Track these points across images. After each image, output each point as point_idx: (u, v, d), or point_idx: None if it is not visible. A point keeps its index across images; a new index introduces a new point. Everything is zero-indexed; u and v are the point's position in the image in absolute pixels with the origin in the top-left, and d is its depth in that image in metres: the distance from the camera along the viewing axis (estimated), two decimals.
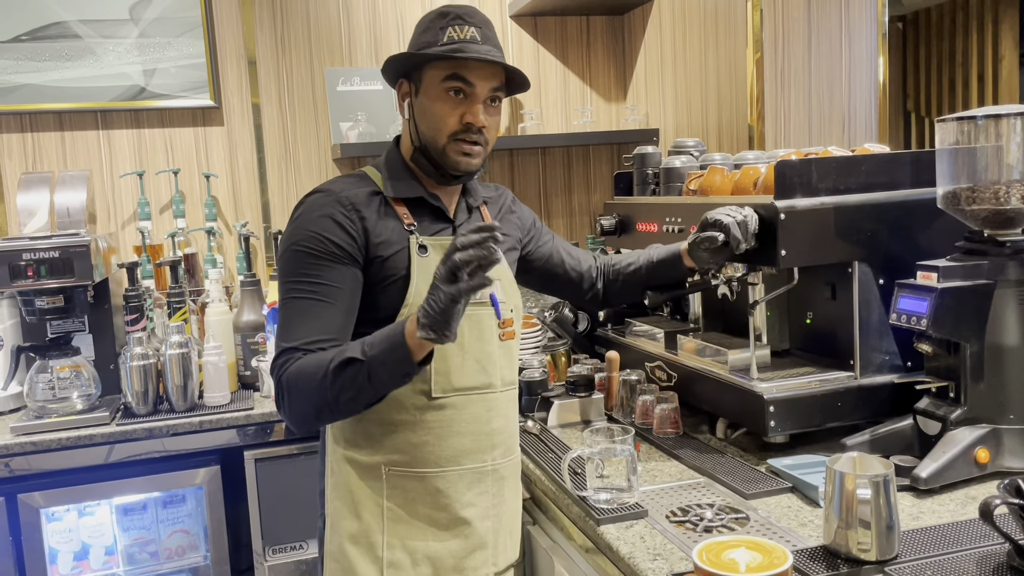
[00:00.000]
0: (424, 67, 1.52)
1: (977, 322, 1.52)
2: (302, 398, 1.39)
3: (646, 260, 1.88)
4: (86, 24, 2.81)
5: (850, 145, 2.53)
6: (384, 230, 1.50)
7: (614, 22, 3.39)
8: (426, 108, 1.52)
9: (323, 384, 1.36)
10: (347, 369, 1.35)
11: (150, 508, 2.44)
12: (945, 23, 5.40)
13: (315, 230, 1.45)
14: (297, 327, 1.43)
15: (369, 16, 3.11)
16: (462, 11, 1.52)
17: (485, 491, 1.58)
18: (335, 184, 1.54)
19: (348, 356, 1.35)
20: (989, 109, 1.55)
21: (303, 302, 1.44)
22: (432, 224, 1.57)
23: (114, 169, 2.91)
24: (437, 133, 1.51)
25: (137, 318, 2.51)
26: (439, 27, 1.50)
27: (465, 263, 1.26)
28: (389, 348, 1.34)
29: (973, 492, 1.48)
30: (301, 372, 1.38)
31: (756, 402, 1.70)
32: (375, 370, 1.35)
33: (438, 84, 1.50)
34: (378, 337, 1.37)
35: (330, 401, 1.37)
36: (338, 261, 1.45)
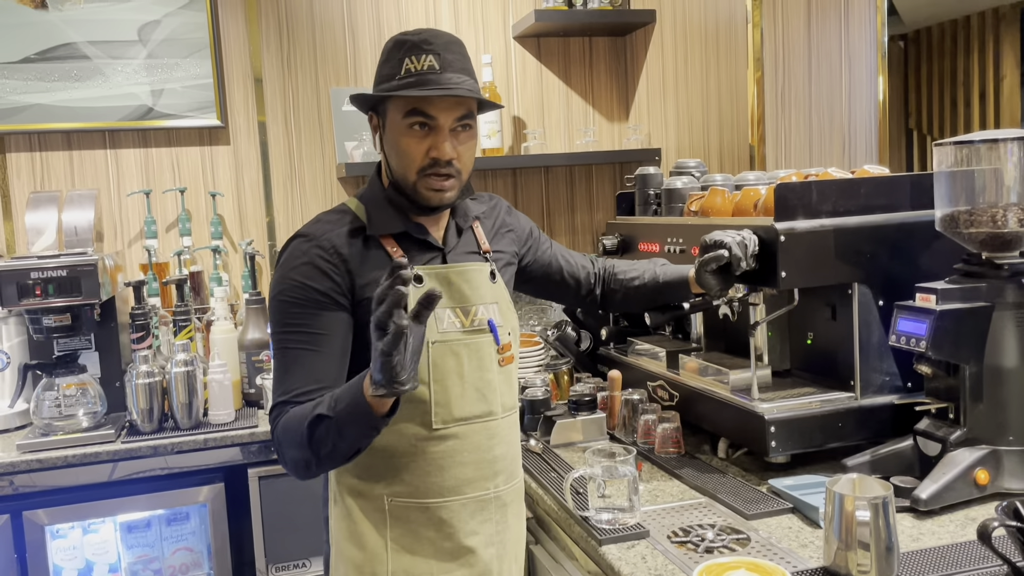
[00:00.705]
0: (386, 101, 1.48)
1: (976, 344, 1.54)
2: (292, 451, 1.38)
3: (652, 279, 1.86)
4: (95, 45, 2.85)
5: (851, 165, 2.55)
6: (371, 269, 1.46)
7: (616, 43, 3.43)
8: (393, 144, 1.48)
9: (302, 441, 1.34)
10: (319, 427, 1.31)
11: (154, 526, 2.45)
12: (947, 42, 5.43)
13: (297, 278, 1.44)
14: (287, 378, 1.43)
15: (374, 36, 3.15)
16: (419, 39, 1.45)
17: (489, 518, 1.55)
18: (316, 227, 1.50)
19: (317, 413, 1.31)
20: (986, 133, 1.57)
21: (292, 352, 1.43)
22: (422, 254, 1.54)
23: (121, 188, 2.94)
24: (406, 170, 1.48)
25: (143, 336, 2.53)
26: (397, 59, 1.45)
27: (386, 315, 1.16)
28: (352, 404, 1.29)
29: (973, 513, 1.49)
30: (287, 428, 1.38)
31: (757, 422, 1.71)
32: (344, 426, 1.30)
33: (400, 120, 1.46)
34: (344, 391, 1.32)
35: (313, 456, 1.35)
36: (324, 308, 1.43)
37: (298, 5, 3.06)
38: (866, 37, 2.55)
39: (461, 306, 1.53)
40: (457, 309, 1.52)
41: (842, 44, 2.47)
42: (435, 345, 1.48)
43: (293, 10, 3.05)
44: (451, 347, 1.49)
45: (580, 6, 3.16)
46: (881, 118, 2.59)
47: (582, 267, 1.91)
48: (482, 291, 1.56)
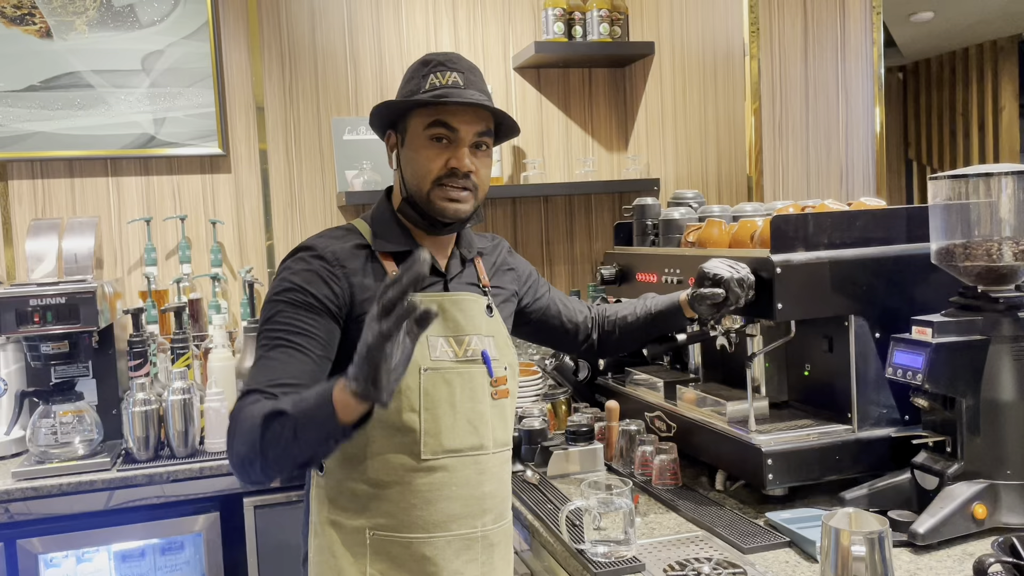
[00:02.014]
0: (408, 116, 1.49)
1: (973, 377, 1.54)
2: (240, 445, 1.27)
3: (644, 312, 1.86)
4: (99, 74, 2.88)
5: (848, 197, 2.56)
6: (370, 286, 1.45)
7: (615, 74, 3.46)
8: (411, 156, 1.49)
9: (254, 436, 1.24)
10: (274, 422, 1.22)
11: (148, 555, 2.43)
12: (945, 73, 5.48)
13: (296, 282, 1.41)
14: (262, 370, 1.35)
15: (376, 66, 3.18)
16: (444, 58, 1.50)
17: (474, 559, 1.50)
18: (320, 240, 1.49)
19: (278, 408, 1.23)
20: (981, 168, 1.58)
21: (274, 349, 1.37)
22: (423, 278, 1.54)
23: (122, 215, 2.95)
24: (421, 180, 1.48)
25: (140, 363, 2.53)
26: (421, 75, 1.48)
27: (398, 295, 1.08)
28: (316, 406, 1.19)
29: (971, 548, 1.48)
30: (243, 418, 1.27)
31: (754, 454, 1.70)
32: (301, 427, 1.20)
33: (422, 132, 1.47)
34: (311, 392, 1.23)
35: (259, 455, 1.24)
36: (317, 313, 1.40)
37: (300, 35, 3.09)
38: (863, 69, 2.57)
39: (454, 335, 1.51)
40: (450, 338, 1.51)
41: (839, 76, 2.49)
42: (426, 373, 1.45)
43: (295, 40, 3.09)
44: (443, 375, 1.47)
45: (580, 38, 3.19)
46: (878, 149, 2.61)
47: (579, 311, 1.89)
48: (477, 322, 1.55)
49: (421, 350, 1.45)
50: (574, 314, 1.87)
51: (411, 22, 3.20)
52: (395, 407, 1.43)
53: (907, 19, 5.07)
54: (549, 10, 3.15)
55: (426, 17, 3.22)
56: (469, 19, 3.27)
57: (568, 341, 1.89)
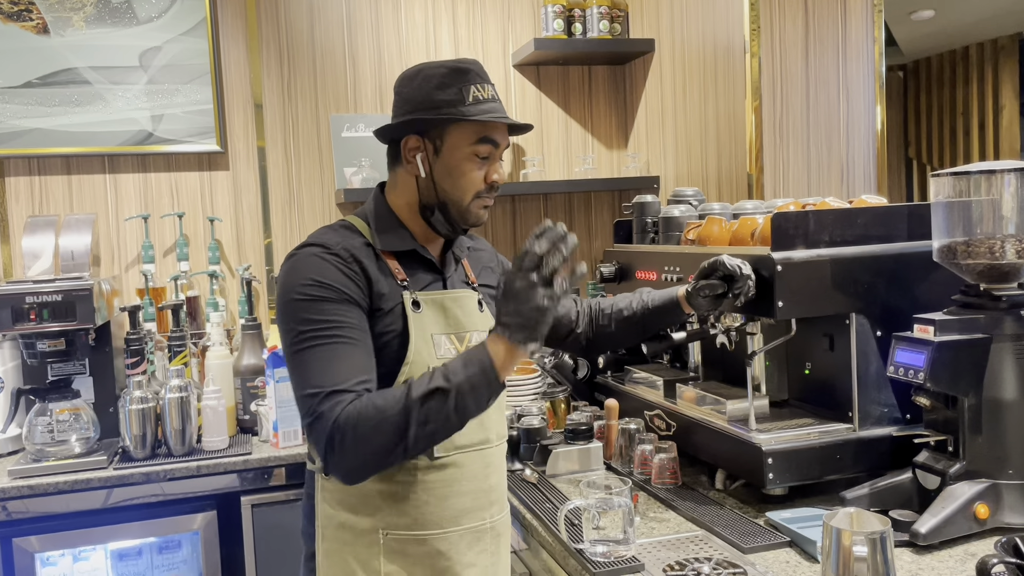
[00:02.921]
0: (447, 127, 1.47)
1: (975, 376, 1.52)
2: (366, 440, 1.29)
3: (640, 306, 1.83)
4: (96, 71, 2.86)
5: (849, 195, 2.55)
6: (381, 283, 1.46)
7: (615, 71, 3.44)
8: (452, 168, 1.48)
9: (400, 420, 1.28)
10: (431, 400, 1.28)
11: (145, 554, 2.42)
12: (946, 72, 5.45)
13: (318, 277, 1.39)
14: (331, 369, 1.33)
15: (375, 64, 3.16)
16: (477, 69, 1.49)
17: (484, 549, 1.53)
18: (322, 237, 1.47)
19: (433, 386, 1.28)
20: (983, 165, 1.57)
21: (328, 346, 1.35)
22: (423, 276, 1.54)
23: (119, 212, 2.94)
24: (464, 193, 1.49)
25: (138, 361, 2.52)
26: (459, 86, 1.46)
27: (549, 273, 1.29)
28: (479, 372, 1.30)
29: (973, 548, 1.46)
30: (364, 414, 1.29)
31: (754, 454, 1.69)
32: (462, 397, 1.29)
33: (467, 146, 1.47)
34: (457, 365, 1.31)
35: (408, 439, 1.29)
36: (350, 302, 1.39)
37: (299, 32, 3.08)
38: (864, 68, 2.56)
39: (456, 332, 1.52)
40: (452, 336, 1.52)
41: (840, 74, 2.48)
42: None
43: (294, 37, 3.07)
44: None
45: (579, 35, 3.18)
46: (879, 148, 2.59)
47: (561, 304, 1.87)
48: (474, 319, 1.57)
49: (428, 348, 1.47)
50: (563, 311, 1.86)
51: (410, 19, 3.19)
52: None
53: (908, 17, 5.06)
54: (549, 7, 3.14)
55: (425, 14, 3.20)
56: (469, 16, 3.25)
57: (557, 337, 1.88)
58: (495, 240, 3.32)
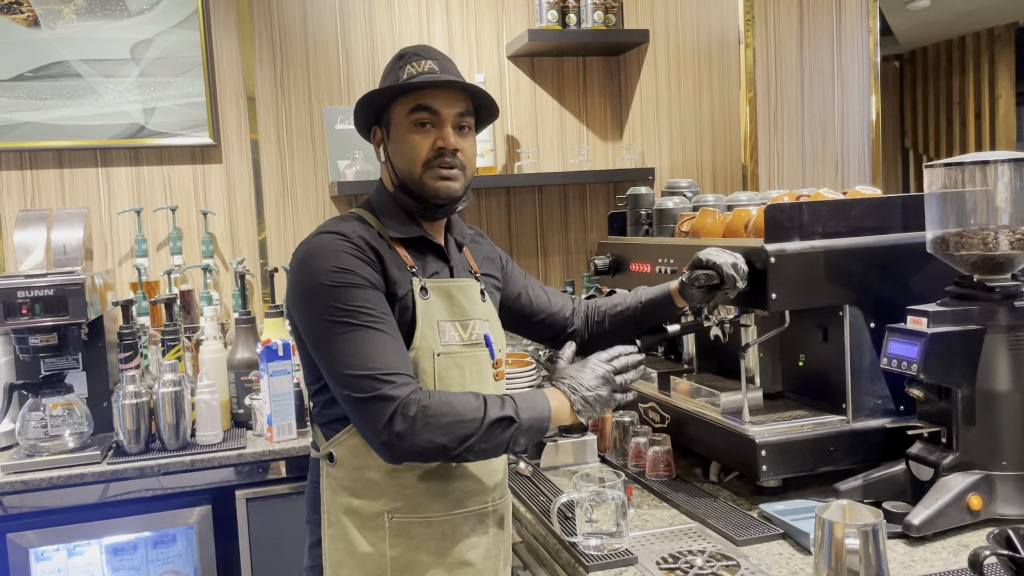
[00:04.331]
0: (391, 108, 1.54)
1: (968, 367, 1.52)
2: (436, 430, 1.35)
3: (634, 302, 1.85)
4: (87, 63, 2.85)
5: (844, 185, 2.55)
6: (394, 271, 1.48)
7: (610, 63, 3.43)
8: (399, 144, 1.53)
9: (470, 429, 1.36)
10: (499, 425, 1.38)
11: (140, 548, 2.41)
12: (942, 62, 5.44)
13: (341, 265, 1.42)
14: (386, 354, 1.38)
15: (368, 56, 3.15)
16: (418, 49, 1.55)
17: (486, 531, 1.57)
18: (337, 226, 1.49)
19: (506, 415, 1.39)
20: (977, 155, 1.56)
21: (370, 331, 1.39)
22: (431, 264, 1.57)
23: (112, 206, 2.92)
24: (412, 164, 1.51)
25: (131, 356, 2.51)
26: (398, 68, 1.53)
27: (624, 382, 1.52)
28: (539, 418, 1.42)
29: (966, 540, 1.47)
30: (440, 407, 1.36)
31: (748, 446, 1.69)
32: (521, 434, 1.40)
33: (405, 119, 1.52)
34: (526, 404, 1.42)
35: (466, 447, 1.37)
36: (376, 288, 1.43)
37: (292, 24, 3.06)
38: (858, 58, 2.55)
39: (460, 320, 1.55)
40: (456, 323, 1.54)
41: (835, 65, 2.47)
42: (440, 357, 1.49)
43: (287, 29, 3.06)
44: (454, 359, 1.51)
45: (574, 26, 3.16)
46: (874, 138, 2.59)
47: (556, 304, 1.88)
48: (477, 307, 1.60)
49: (433, 335, 1.50)
50: (548, 305, 1.87)
51: (403, 10, 3.17)
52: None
53: (904, 7, 5.04)
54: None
55: (419, 5, 3.19)
56: (462, 6, 3.24)
57: (541, 332, 1.88)
58: (490, 231, 3.31)
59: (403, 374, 1.38)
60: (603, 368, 1.50)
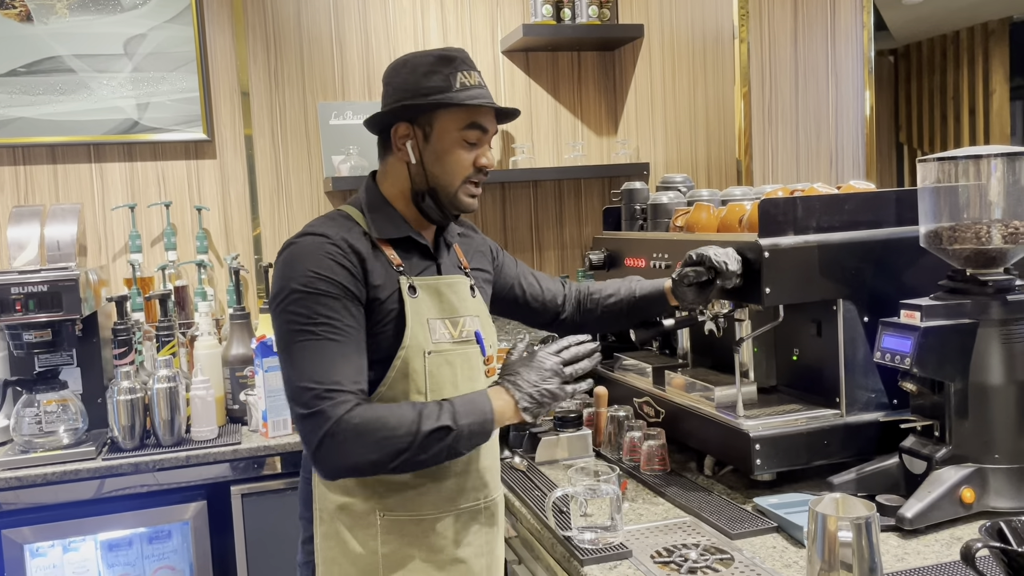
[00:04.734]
0: (436, 113, 1.50)
1: (961, 361, 1.53)
2: (365, 448, 1.34)
3: (628, 294, 1.86)
4: (81, 59, 2.84)
5: (838, 180, 2.55)
6: (378, 272, 1.47)
7: (605, 58, 3.43)
8: (441, 154, 1.51)
9: (403, 443, 1.34)
10: (435, 435, 1.36)
11: (135, 544, 2.41)
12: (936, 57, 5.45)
13: (319, 271, 1.41)
14: (333, 367, 1.37)
15: (362, 51, 3.14)
16: (464, 56, 1.52)
17: (479, 529, 1.57)
18: (323, 227, 1.48)
19: (442, 424, 1.36)
20: (969, 150, 1.57)
21: (328, 342, 1.38)
22: (418, 263, 1.56)
23: (106, 202, 2.92)
24: (453, 178, 1.52)
25: (125, 351, 2.50)
26: (447, 72, 1.48)
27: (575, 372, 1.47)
28: (479, 422, 1.40)
29: (959, 532, 1.47)
30: (370, 423, 1.34)
31: (742, 440, 1.69)
32: (462, 436, 1.38)
33: (456, 131, 1.50)
34: (466, 409, 1.39)
35: (402, 460, 1.36)
36: (349, 299, 1.42)
37: (286, 19, 3.06)
38: (852, 52, 2.55)
39: (450, 317, 1.54)
40: (447, 320, 1.54)
41: (829, 59, 2.47)
42: (430, 356, 1.48)
43: (281, 24, 3.05)
44: (445, 357, 1.51)
45: (568, 21, 3.16)
46: (868, 133, 2.59)
47: (548, 289, 1.89)
48: (467, 303, 1.59)
49: (424, 333, 1.49)
50: (540, 292, 1.88)
51: (398, 5, 3.17)
52: (403, 390, 1.47)
53: (898, 1, 5.04)
54: None
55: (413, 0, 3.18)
56: (457, 1, 3.23)
57: (533, 317, 1.90)
58: (485, 226, 3.31)
59: (344, 391, 1.36)
60: (551, 361, 1.47)
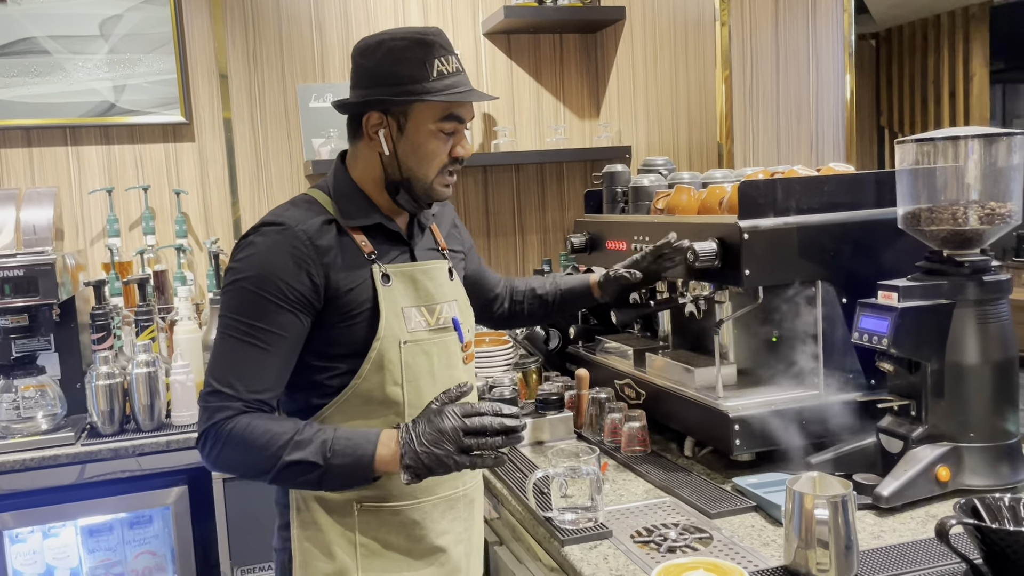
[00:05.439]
0: (412, 104, 1.44)
1: (937, 341, 1.54)
2: (238, 460, 1.36)
3: (553, 288, 1.92)
4: (56, 40, 2.80)
5: (818, 163, 2.56)
6: (343, 263, 1.43)
7: (587, 40, 3.42)
8: (417, 145, 1.46)
9: (266, 465, 1.33)
10: (298, 466, 1.33)
11: (116, 529, 2.41)
12: (917, 40, 5.46)
13: (271, 274, 1.37)
14: (237, 371, 1.36)
15: (342, 33, 3.11)
16: (442, 39, 1.45)
17: (458, 517, 1.55)
18: (288, 214, 1.43)
19: (307, 459, 1.32)
20: (947, 131, 1.58)
21: (247, 346, 1.37)
22: (390, 248, 1.52)
23: (83, 185, 2.88)
24: (428, 170, 1.47)
25: (104, 336, 2.48)
26: (423, 59, 1.42)
27: (475, 445, 1.31)
28: (353, 464, 1.33)
29: (934, 510, 1.49)
30: (246, 437, 1.33)
31: (721, 420, 1.70)
32: (330, 475, 1.34)
33: (432, 123, 1.45)
34: (343, 446, 1.34)
35: (268, 479, 1.36)
36: (290, 307, 1.38)
37: (264, 1, 3.02)
38: (833, 36, 2.55)
39: (426, 305, 1.51)
40: (423, 308, 1.51)
41: (809, 43, 2.47)
42: (406, 346, 1.46)
43: (259, 6, 3.02)
44: (421, 347, 1.48)
45: (550, 3, 3.14)
46: (848, 116, 2.60)
47: (494, 286, 1.92)
48: (444, 289, 1.56)
49: (399, 322, 1.46)
50: (490, 288, 1.91)
51: None
52: (379, 381, 1.44)
53: None
54: None
55: None
56: None
57: (482, 311, 1.91)
58: (467, 211, 3.30)
59: (235, 398, 1.35)
60: (450, 423, 1.32)
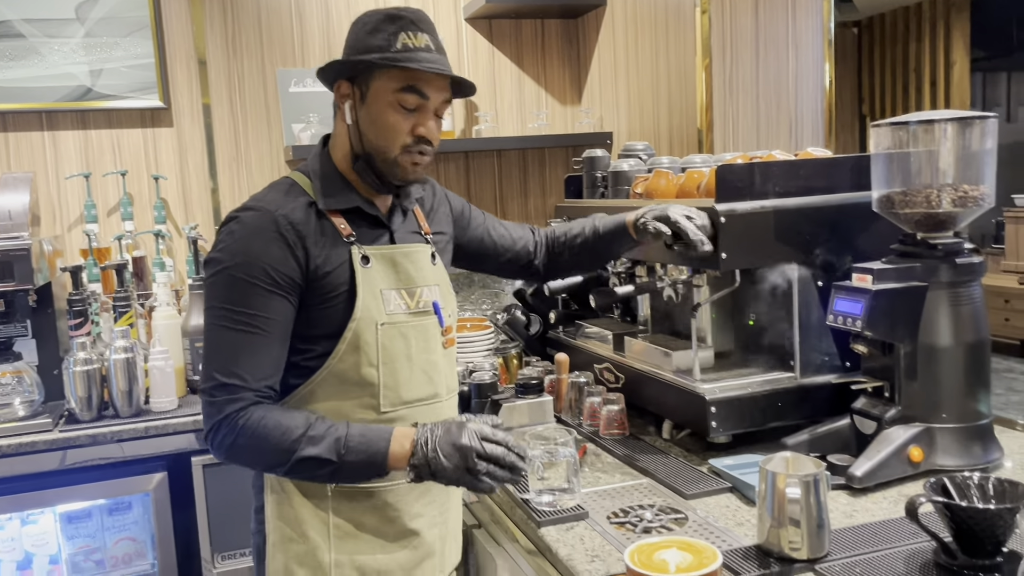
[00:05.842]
0: (373, 72, 1.43)
1: (910, 323, 1.56)
2: (251, 453, 1.38)
3: (592, 231, 1.82)
4: (30, 23, 2.76)
5: (797, 149, 2.57)
6: (323, 246, 1.44)
7: (568, 25, 3.41)
8: (375, 117, 1.44)
9: (280, 459, 1.36)
10: (312, 462, 1.35)
11: (95, 516, 2.40)
12: (899, 28, 5.49)
13: (256, 258, 1.38)
14: (240, 361, 1.37)
15: (322, 17, 3.09)
16: (414, 16, 1.44)
17: (433, 500, 1.55)
18: (269, 199, 1.44)
19: (321, 456, 1.34)
20: (922, 115, 1.59)
21: (244, 335, 1.37)
22: (370, 231, 1.51)
23: (59, 171, 2.86)
24: (388, 144, 1.45)
25: (81, 323, 2.47)
26: (390, 31, 1.41)
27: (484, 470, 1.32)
28: (367, 461, 1.36)
29: (907, 490, 1.51)
30: (259, 431, 1.35)
31: (698, 403, 1.72)
32: (343, 471, 1.37)
33: (391, 93, 1.43)
34: (357, 443, 1.35)
35: (281, 472, 1.39)
36: (278, 291, 1.39)
37: None
38: (812, 24, 2.56)
39: (406, 288, 1.51)
40: (403, 291, 1.50)
41: (789, 31, 2.48)
42: (383, 327, 1.46)
43: None
44: (399, 329, 1.48)
45: None
46: (828, 104, 2.61)
47: (519, 238, 1.87)
48: (425, 272, 1.56)
49: (376, 304, 1.46)
50: (512, 241, 1.86)
51: None
52: (354, 362, 1.44)
53: None
54: None
55: None
56: None
57: (505, 270, 1.89)
58: None
59: (244, 387, 1.36)
60: (468, 440, 1.33)
